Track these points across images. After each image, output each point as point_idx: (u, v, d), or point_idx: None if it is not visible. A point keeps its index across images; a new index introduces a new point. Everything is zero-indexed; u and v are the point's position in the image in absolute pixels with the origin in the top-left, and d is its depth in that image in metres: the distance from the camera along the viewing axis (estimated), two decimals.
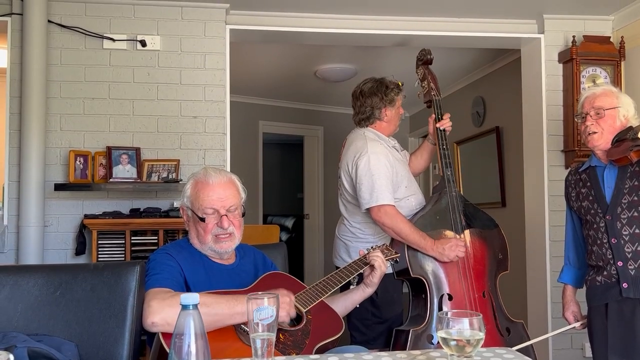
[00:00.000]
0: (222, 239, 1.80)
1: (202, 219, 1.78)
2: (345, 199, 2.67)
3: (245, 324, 1.59)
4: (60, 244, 3.10)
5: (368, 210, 2.48)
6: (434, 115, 2.67)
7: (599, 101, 2.15)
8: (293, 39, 3.66)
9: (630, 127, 2.07)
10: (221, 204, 1.79)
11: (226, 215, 1.79)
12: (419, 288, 2.45)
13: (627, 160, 2.00)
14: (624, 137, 2.04)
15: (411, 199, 2.60)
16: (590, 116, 2.12)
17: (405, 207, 2.54)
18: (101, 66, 3.19)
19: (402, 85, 2.71)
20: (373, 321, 2.51)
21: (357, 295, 2.06)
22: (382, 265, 2.04)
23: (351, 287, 2.10)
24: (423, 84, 2.76)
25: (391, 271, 2.48)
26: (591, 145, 2.13)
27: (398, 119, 2.71)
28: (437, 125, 2.64)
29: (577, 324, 2.29)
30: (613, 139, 2.09)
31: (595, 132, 2.11)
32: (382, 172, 2.47)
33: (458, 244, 2.42)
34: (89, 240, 3.03)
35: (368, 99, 2.63)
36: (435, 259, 2.41)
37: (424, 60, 2.78)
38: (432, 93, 2.70)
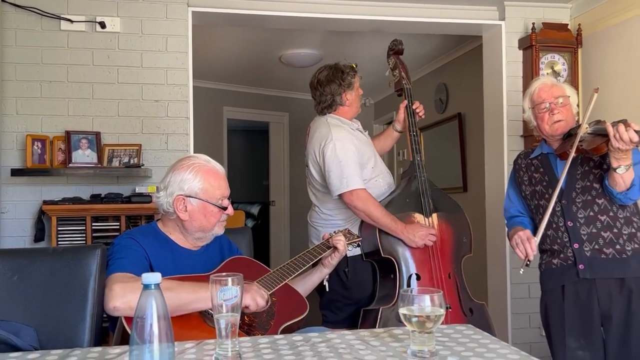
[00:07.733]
0: (223, 224, 1.88)
1: (224, 208, 1.83)
2: (314, 187, 2.68)
3: (210, 308, 1.59)
4: (18, 231, 3.02)
5: (340, 196, 2.50)
6: (405, 102, 2.74)
7: (557, 90, 2.21)
8: (257, 22, 3.62)
9: (579, 125, 2.11)
10: (228, 193, 1.87)
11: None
12: (388, 268, 2.50)
13: (566, 155, 2.07)
14: (574, 132, 2.10)
15: (379, 179, 2.64)
16: (555, 105, 2.17)
17: (374, 188, 2.57)
18: (59, 48, 3.09)
19: (356, 66, 2.73)
20: (344, 303, 2.56)
21: (315, 277, 2.12)
22: (344, 248, 2.11)
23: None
24: (394, 73, 2.83)
25: (359, 253, 2.52)
26: (559, 133, 2.16)
27: (359, 100, 2.74)
28: (413, 107, 2.71)
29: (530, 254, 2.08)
30: (564, 134, 2.15)
31: (561, 120, 2.16)
32: (349, 157, 2.50)
33: (429, 232, 2.49)
34: (49, 227, 2.95)
35: (327, 87, 2.64)
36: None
37: (395, 50, 2.85)
38: (404, 82, 2.77)
